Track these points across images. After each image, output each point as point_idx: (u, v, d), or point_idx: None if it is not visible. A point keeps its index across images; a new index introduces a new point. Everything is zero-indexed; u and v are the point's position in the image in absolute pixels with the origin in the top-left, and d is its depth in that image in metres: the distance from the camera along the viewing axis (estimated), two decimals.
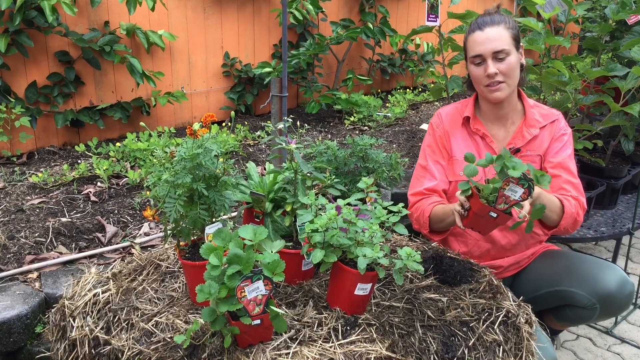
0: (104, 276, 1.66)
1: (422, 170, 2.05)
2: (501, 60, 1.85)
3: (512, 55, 1.85)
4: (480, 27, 1.87)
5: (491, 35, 1.84)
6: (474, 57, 1.88)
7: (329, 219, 1.38)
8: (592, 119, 3.30)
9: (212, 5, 3.95)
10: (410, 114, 4.68)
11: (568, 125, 2.05)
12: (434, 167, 2.02)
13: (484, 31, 1.85)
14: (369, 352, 1.32)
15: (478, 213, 1.57)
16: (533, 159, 1.97)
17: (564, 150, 1.97)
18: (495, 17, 1.88)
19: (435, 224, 1.94)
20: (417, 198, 2.01)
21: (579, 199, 1.91)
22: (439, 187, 2.00)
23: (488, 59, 1.85)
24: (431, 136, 2.07)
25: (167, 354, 1.32)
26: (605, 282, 1.86)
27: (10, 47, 3.08)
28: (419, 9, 5.30)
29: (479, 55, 1.86)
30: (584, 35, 3.57)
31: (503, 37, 1.84)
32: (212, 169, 1.44)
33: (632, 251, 3.30)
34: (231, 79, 4.21)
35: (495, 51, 1.84)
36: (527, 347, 1.51)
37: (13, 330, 1.90)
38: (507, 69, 1.85)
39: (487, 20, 1.88)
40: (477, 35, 1.87)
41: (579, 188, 1.95)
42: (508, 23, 1.87)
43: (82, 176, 3.03)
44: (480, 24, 1.88)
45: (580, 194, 1.94)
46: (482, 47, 1.85)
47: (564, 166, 1.95)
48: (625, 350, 2.56)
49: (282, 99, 2.69)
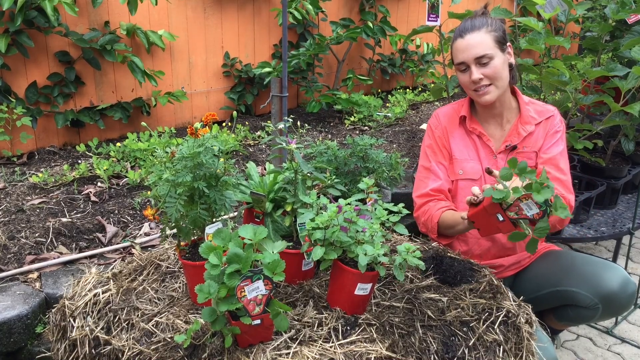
0: (104, 276, 1.66)
1: (426, 172, 2.05)
2: (485, 65, 1.86)
3: (496, 58, 1.86)
4: (461, 35, 1.88)
5: (472, 42, 1.85)
6: (458, 64, 1.91)
7: (330, 216, 1.38)
8: (592, 119, 3.29)
9: (212, 5, 3.95)
10: (411, 114, 4.68)
11: (564, 121, 2.05)
12: (437, 167, 2.03)
13: (465, 38, 1.87)
14: (369, 352, 1.32)
15: (487, 209, 1.53)
16: (529, 155, 1.98)
17: (556, 147, 1.97)
18: (476, 22, 1.88)
19: (444, 229, 1.93)
20: (423, 200, 2.01)
21: (566, 197, 1.90)
22: (444, 187, 2.00)
23: (471, 65, 1.86)
24: (430, 137, 2.07)
25: (167, 354, 1.32)
26: (607, 282, 1.86)
27: (11, 47, 3.09)
28: (419, 8, 5.30)
29: (462, 62, 1.89)
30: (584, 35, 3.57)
31: (484, 42, 1.85)
32: (213, 168, 1.44)
33: (632, 251, 3.30)
34: (231, 79, 4.21)
35: (476, 57, 1.85)
36: (527, 347, 1.51)
37: (13, 331, 1.90)
38: (492, 73, 1.86)
39: (467, 26, 1.88)
40: (459, 43, 1.89)
41: (568, 185, 1.95)
42: (490, 26, 1.87)
43: (83, 176, 3.03)
44: (462, 30, 1.89)
45: (569, 192, 1.94)
46: (464, 54, 1.87)
47: (554, 162, 1.95)
48: (625, 350, 2.56)
49: (282, 99, 2.69)
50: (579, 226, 2.78)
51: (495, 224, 1.55)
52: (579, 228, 2.76)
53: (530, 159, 1.97)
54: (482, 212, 1.56)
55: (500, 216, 1.52)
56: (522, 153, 1.98)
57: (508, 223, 1.52)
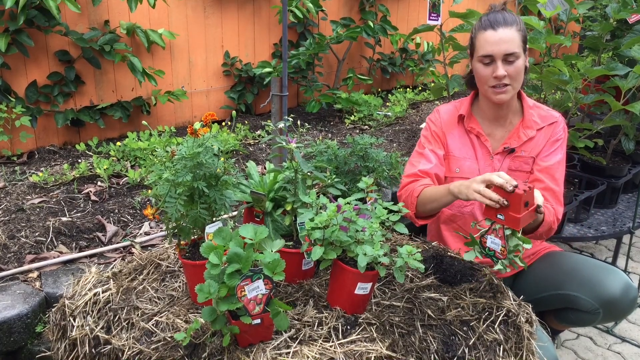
0: (105, 275, 1.66)
1: (418, 156, 2.01)
2: (510, 63, 1.81)
3: (520, 59, 1.82)
4: (493, 26, 1.81)
5: (504, 37, 1.79)
6: (484, 56, 1.83)
7: (329, 216, 1.38)
8: (592, 118, 3.29)
9: (212, 4, 3.94)
10: (411, 113, 4.68)
11: (567, 128, 2.02)
12: (429, 153, 1.98)
13: (497, 31, 1.80)
14: (369, 352, 1.32)
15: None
16: (526, 160, 1.96)
17: (554, 155, 1.94)
18: (508, 17, 1.82)
19: (424, 205, 1.85)
20: (409, 179, 1.94)
21: (556, 209, 1.87)
22: (433, 170, 1.95)
23: (498, 60, 1.81)
24: (427, 130, 2.05)
25: (167, 353, 1.32)
26: (608, 288, 1.84)
27: (11, 47, 3.08)
28: (419, 7, 5.30)
29: (490, 55, 1.82)
30: (584, 34, 3.56)
31: (515, 40, 1.80)
32: (213, 168, 1.44)
33: (632, 250, 3.30)
34: (231, 78, 4.21)
35: (506, 53, 1.80)
36: (527, 346, 1.51)
37: (13, 330, 1.90)
38: (515, 72, 1.82)
39: (499, 19, 1.81)
40: (490, 35, 1.81)
41: (559, 197, 1.91)
42: (519, 24, 1.83)
43: (83, 175, 3.03)
44: (494, 22, 1.81)
45: (559, 203, 1.90)
46: (494, 47, 1.80)
47: (550, 172, 1.92)
48: (625, 349, 2.56)
49: (282, 98, 2.69)
50: (579, 225, 2.78)
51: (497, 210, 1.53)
52: (579, 227, 2.76)
53: (527, 164, 1.95)
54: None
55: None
56: (519, 157, 1.96)
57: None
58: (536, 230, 1.79)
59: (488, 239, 1.52)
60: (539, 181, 1.91)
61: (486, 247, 1.54)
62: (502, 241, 1.49)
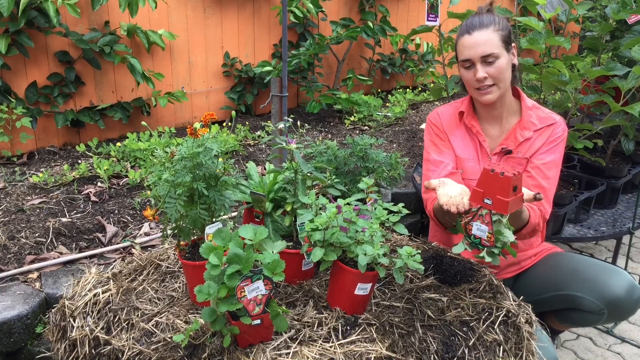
0: (104, 276, 1.66)
1: (426, 164, 2.04)
2: (490, 64, 1.83)
3: (501, 58, 1.83)
4: (468, 31, 1.85)
5: (479, 40, 1.82)
6: (463, 61, 1.88)
7: (329, 218, 1.38)
8: (592, 119, 3.29)
9: (212, 4, 3.95)
10: (411, 113, 4.68)
11: (567, 129, 2.01)
12: (436, 157, 2.00)
13: (472, 35, 1.83)
14: (369, 352, 1.32)
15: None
16: (520, 161, 1.95)
17: (549, 155, 1.93)
18: (484, 19, 1.85)
19: (443, 217, 1.87)
20: (426, 195, 1.98)
21: (542, 209, 1.85)
22: (442, 174, 1.95)
23: (477, 63, 1.84)
24: (428, 131, 2.06)
25: (167, 354, 1.32)
26: (613, 288, 1.84)
27: (11, 48, 3.09)
28: (419, 8, 5.30)
29: (468, 59, 1.86)
30: (584, 35, 3.57)
31: (492, 41, 1.82)
32: (213, 169, 1.44)
33: (632, 251, 3.30)
34: (231, 78, 4.21)
35: (483, 55, 1.82)
36: (527, 346, 1.51)
37: (13, 331, 1.90)
38: (497, 72, 1.83)
39: (475, 23, 1.85)
40: (466, 39, 1.85)
41: (549, 195, 1.90)
42: (498, 24, 1.84)
43: (83, 176, 3.03)
44: (469, 27, 1.85)
45: (547, 202, 1.89)
46: (471, 51, 1.84)
47: (542, 170, 1.91)
48: (625, 349, 2.56)
49: (282, 98, 2.69)
50: (579, 226, 2.78)
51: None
52: (579, 228, 2.76)
53: (520, 164, 1.94)
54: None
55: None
56: (514, 158, 1.96)
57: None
58: (520, 231, 1.78)
59: (474, 226, 1.48)
60: (530, 177, 1.90)
61: (471, 234, 1.50)
62: (489, 227, 1.45)
